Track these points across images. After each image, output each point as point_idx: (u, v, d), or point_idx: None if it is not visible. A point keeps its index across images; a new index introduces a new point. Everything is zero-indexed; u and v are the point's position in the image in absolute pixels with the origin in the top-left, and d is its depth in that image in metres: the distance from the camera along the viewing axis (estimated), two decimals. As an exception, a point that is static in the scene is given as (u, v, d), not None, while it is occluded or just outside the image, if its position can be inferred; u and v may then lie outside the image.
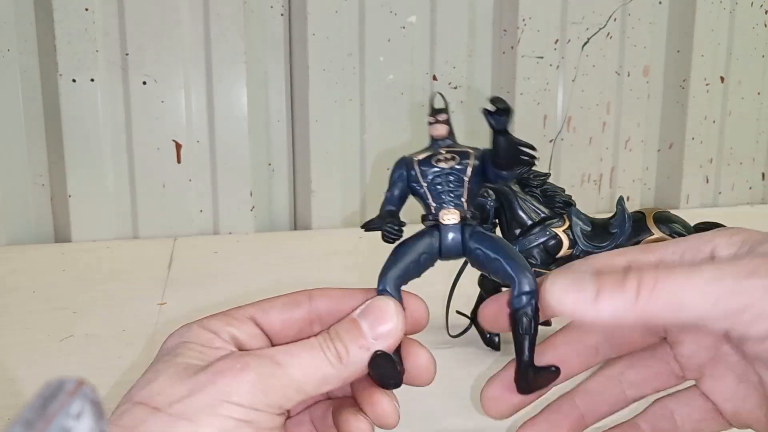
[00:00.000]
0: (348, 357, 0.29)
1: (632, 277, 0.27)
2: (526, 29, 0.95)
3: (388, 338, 0.30)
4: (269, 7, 0.90)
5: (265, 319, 0.33)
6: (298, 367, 0.29)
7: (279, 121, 0.93)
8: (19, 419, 0.16)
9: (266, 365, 0.29)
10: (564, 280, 0.28)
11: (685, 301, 0.26)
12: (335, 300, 0.33)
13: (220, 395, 0.27)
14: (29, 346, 0.57)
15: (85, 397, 0.17)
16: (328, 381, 0.29)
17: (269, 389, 0.28)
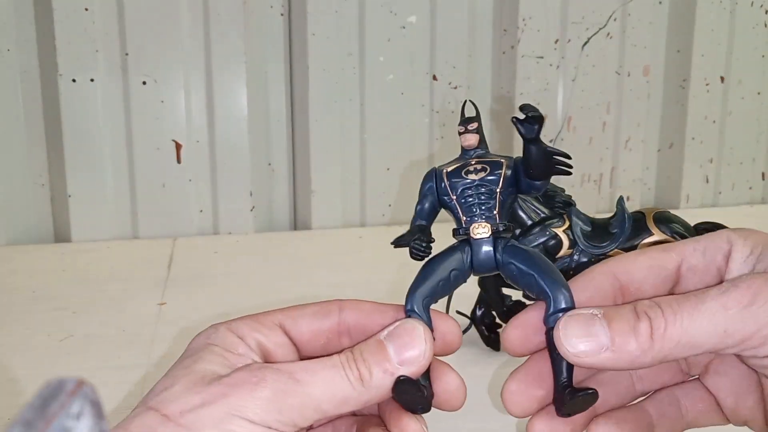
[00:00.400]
0: (371, 380, 0.29)
1: (643, 322, 0.28)
2: (526, 29, 0.95)
3: (415, 364, 0.29)
4: (269, 7, 0.90)
5: (294, 327, 0.33)
6: (317, 386, 0.28)
7: (279, 121, 0.93)
8: (19, 419, 0.16)
9: (284, 381, 0.28)
10: (576, 331, 0.28)
11: (696, 340, 0.27)
12: (365, 314, 0.33)
13: (232, 409, 0.27)
14: (29, 346, 0.57)
15: (85, 397, 0.17)
16: (348, 402, 0.28)
17: (285, 407, 0.27)
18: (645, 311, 0.28)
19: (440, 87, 0.95)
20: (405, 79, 0.93)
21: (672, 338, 0.27)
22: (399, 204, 0.96)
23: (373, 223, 0.96)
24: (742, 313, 0.27)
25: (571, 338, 0.28)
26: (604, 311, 0.29)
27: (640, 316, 0.28)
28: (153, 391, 0.29)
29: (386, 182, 0.95)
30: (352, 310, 0.33)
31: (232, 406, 0.27)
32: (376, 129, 0.94)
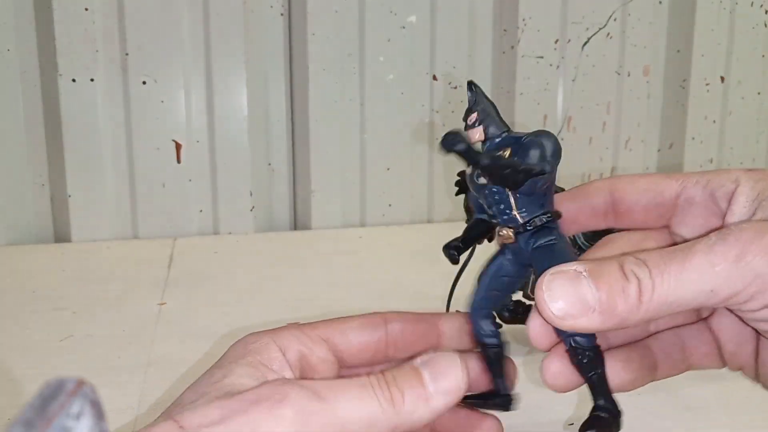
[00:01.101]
0: (402, 403, 0.27)
1: (632, 283, 0.26)
2: (526, 29, 0.95)
3: (450, 394, 0.28)
4: (269, 7, 0.90)
5: (342, 340, 0.32)
6: (343, 405, 0.26)
7: (279, 121, 0.93)
8: (19, 419, 0.16)
9: (308, 399, 0.26)
10: (560, 291, 0.27)
11: (683, 299, 0.26)
12: (410, 323, 0.33)
13: (251, 427, 0.25)
14: (29, 346, 0.57)
15: (85, 397, 0.17)
16: (376, 426, 0.27)
17: (307, 426, 0.26)
18: (633, 270, 0.27)
19: (440, 87, 0.95)
20: (405, 79, 0.93)
21: (660, 299, 0.26)
22: (399, 204, 0.96)
23: (373, 223, 0.96)
24: (729, 270, 0.26)
25: (556, 300, 0.27)
26: (589, 269, 0.27)
27: (628, 276, 0.27)
28: (179, 402, 0.28)
29: (386, 182, 0.95)
30: (397, 321, 0.33)
31: (251, 424, 0.25)
32: (376, 129, 0.94)
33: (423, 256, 0.81)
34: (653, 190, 0.31)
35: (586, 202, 0.31)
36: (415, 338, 0.32)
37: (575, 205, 0.31)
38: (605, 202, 0.31)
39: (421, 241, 0.88)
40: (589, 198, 0.32)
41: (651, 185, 0.31)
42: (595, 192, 0.32)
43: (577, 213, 0.30)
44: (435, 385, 0.27)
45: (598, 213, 0.31)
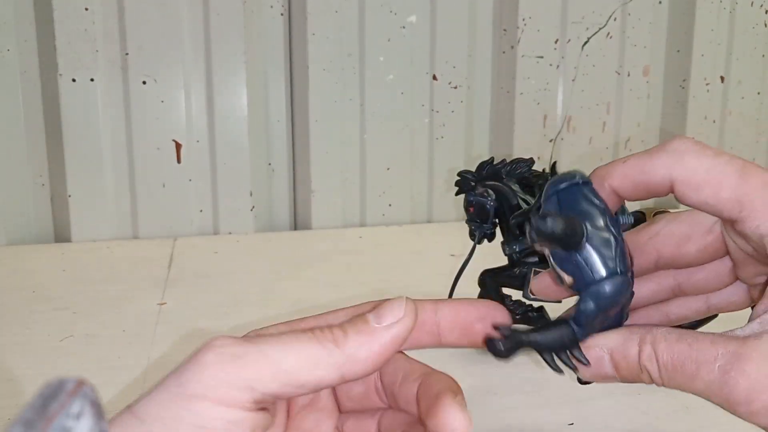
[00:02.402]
0: (346, 342, 0.26)
1: (644, 375, 0.29)
2: (526, 29, 0.95)
3: (395, 327, 0.27)
4: (269, 7, 0.90)
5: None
6: (277, 346, 0.25)
7: (279, 121, 0.93)
8: (19, 419, 0.16)
9: (234, 343, 0.25)
10: (587, 372, 0.30)
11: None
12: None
13: (179, 381, 0.25)
14: (29, 346, 0.57)
15: (85, 397, 0.17)
16: (318, 365, 0.26)
17: (234, 371, 0.25)
18: (647, 367, 0.28)
19: (440, 87, 0.95)
20: (405, 79, 0.93)
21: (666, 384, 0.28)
22: (399, 204, 0.96)
23: (373, 223, 0.96)
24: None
25: (581, 370, 0.30)
26: (612, 352, 0.29)
27: (642, 369, 0.28)
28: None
29: (386, 182, 0.95)
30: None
31: (180, 378, 0.25)
32: (376, 129, 0.94)
33: (423, 256, 0.81)
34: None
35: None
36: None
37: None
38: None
39: (421, 241, 0.88)
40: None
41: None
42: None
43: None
44: (379, 320, 0.27)
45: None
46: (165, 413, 0.24)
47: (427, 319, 0.32)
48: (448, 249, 0.79)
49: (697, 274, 0.33)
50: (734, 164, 0.28)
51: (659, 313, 0.34)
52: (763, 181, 0.27)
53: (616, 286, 0.28)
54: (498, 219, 0.53)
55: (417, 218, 0.98)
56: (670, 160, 0.29)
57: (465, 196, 0.54)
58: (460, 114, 0.96)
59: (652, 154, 0.30)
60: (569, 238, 0.28)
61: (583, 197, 0.30)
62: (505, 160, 0.54)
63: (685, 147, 0.29)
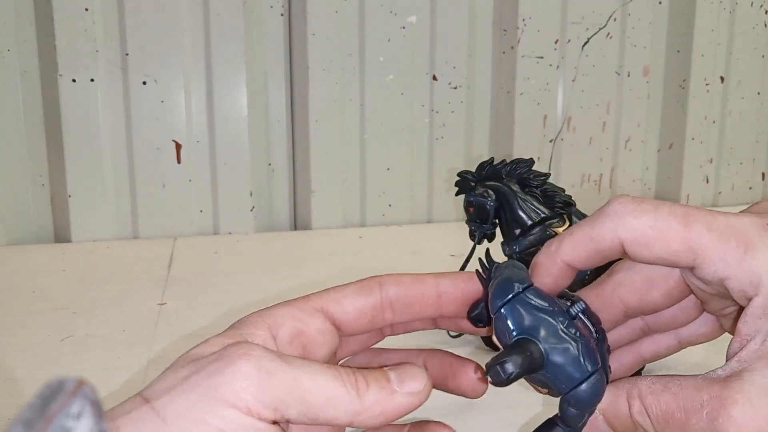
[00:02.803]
0: (366, 391, 0.27)
1: (639, 429, 0.29)
2: (526, 29, 0.95)
3: (414, 396, 0.28)
4: (269, 7, 0.90)
5: (338, 309, 0.32)
6: (308, 374, 0.26)
7: (279, 121, 0.93)
8: (19, 419, 0.16)
9: (271, 359, 0.26)
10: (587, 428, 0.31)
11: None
12: (406, 286, 0.33)
13: (207, 383, 0.25)
14: (29, 346, 0.57)
15: (85, 397, 0.17)
16: (336, 404, 0.26)
17: (266, 385, 0.25)
18: (639, 422, 0.29)
19: (440, 87, 0.95)
20: (405, 79, 0.93)
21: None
22: (399, 204, 0.96)
23: (373, 223, 0.96)
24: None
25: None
26: (603, 412, 0.30)
27: (636, 425, 0.29)
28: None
29: (386, 182, 0.95)
30: (393, 285, 0.33)
31: (208, 380, 0.25)
32: (376, 129, 0.94)
33: (423, 256, 0.81)
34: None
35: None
36: (412, 300, 0.32)
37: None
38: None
39: (421, 241, 0.88)
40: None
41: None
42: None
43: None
44: (400, 384, 0.28)
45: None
46: (191, 415, 0.25)
47: (429, 292, 0.32)
48: (448, 249, 0.79)
49: (664, 312, 0.33)
50: (676, 214, 0.28)
51: (632, 354, 0.35)
52: (707, 224, 0.27)
53: (592, 385, 0.28)
54: (498, 219, 0.53)
55: (417, 218, 0.98)
56: (613, 224, 0.29)
57: (465, 196, 0.54)
58: (460, 114, 0.96)
59: (596, 220, 0.30)
60: (532, 367, 0.28)
61: (529, 309, 0.29)
62: (505, 160, 0.53)
63: (624, 207, 0.29)
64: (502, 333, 0.29)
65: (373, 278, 0.33)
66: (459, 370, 0.32)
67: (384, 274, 0.33)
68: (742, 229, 0.27)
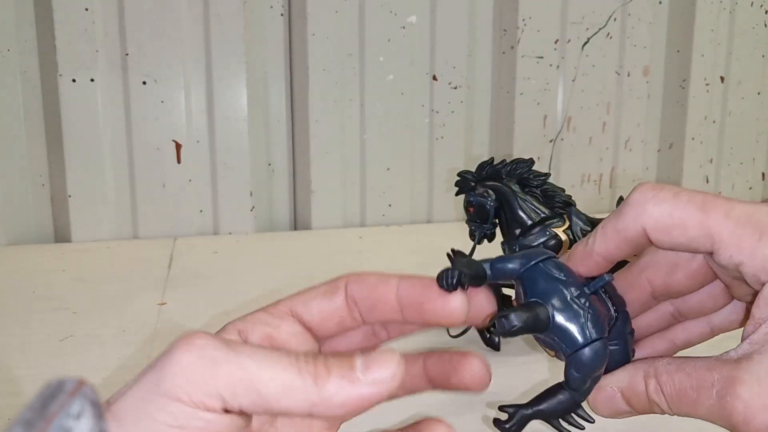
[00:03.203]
0: (326, 381, 0.25)
1: (655, 408, 0.30)
2: (526, 29, 0.95)
3: (379, 385, 0.26)
4: (269, 7, 0.90)
5: (306, 311, 0.31)
6: (257, 363, 0.25)
7: (279, 121, 0.93)
8: (19, 419, 0.16)
9: (215, 347, 0.25)
10: (604, 406, 0.32)
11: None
12: (369, 286, 0.32)
13: (155, 377, 0.24)
14: (29, 346, 0.57)
15: (85, 397, 0.17)
16: (292, 393, 0.25)
17: (210, 375, 0.24)
18: (655, 401, 0.30)
19: (440, 87, 0.95)
20: (405, 79, 0.93)
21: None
22: (399, 204, 0.96)
23: (373, 223, 0.96)
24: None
25: (601, 411, 0.32)
26: (622, 389, 0.31)
27: (651, 404, 0.30)
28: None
29: (386, 182, 0.95)
30: (357, 284, 0.32)
31: (156, 374, 0.24)
32: (376, 129, 0.94)
33: (423, 256, 0.81)
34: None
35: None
36: (374, 302, 0.32)
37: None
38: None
39: (421, 241, 0.88)
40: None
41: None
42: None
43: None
44: (365, 372, 0.26)
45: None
46: (140, 412, 0.24)
47: (389, 295, 0.33)
48: (448, 249, 0.79)
49: (692, 297, 0.34)
50: (695, 201, 0.29)
51: (664, 341, 0.35)
52: (724, 212, 0.28)
53: (594, 351, 0.30)
54: (498, 219, 0.53)
55: (417, 218, 0.98)
56: (635, 212, 0.30)
57: (465, 196, 0.54)
58: (460, 114, 0.96)
59: (620, 210, 0.31)
60: (536, 325, 0.30)
61: (546, 276, 0.31)
62: (505, 160, 0.53)
63: (644, 196, 0.30)
64: (518, 295, 0.32)
65: (340, 278, 0.33)
66: (460, 364, 0.32)
67: (351, 273, 0.33)
68: (758, 218, 0.28)
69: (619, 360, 0.32)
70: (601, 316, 0.31)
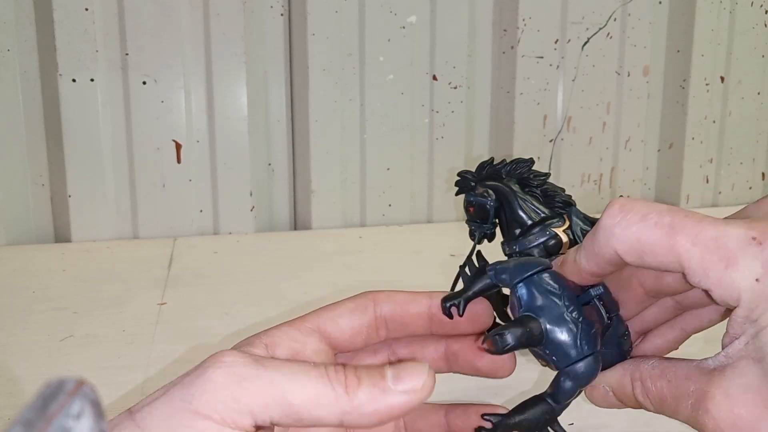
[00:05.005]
0: (357, 390, 0.25)
1: (644, 402, 0.32)
2: (526, 29, 0.95)
3: (410, 395, 0.26)
4: (269, 7, 0.90)
5: (335, 328, 0.32)
6: (287, 377, 0.25)
7: (279, 121, 0.93)
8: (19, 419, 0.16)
9: (244, 364, 0.25)
10: (598, 399, 0.34)
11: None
12: (399, 304, 0.33)
13: (183, 394, 0.24)
14: (29, 346, 0.57)
15: (85, 397, 0.17)
16: (322, 405, 0.25)
17: (240, 392, 0.24)
18: (641, 401, 0.31)
19: (440, 87, 0.95)
20: (405, 79, 0.93)
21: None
22: (399, 204, 0.96)
23: (373, 223, 0.96)
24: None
25: (597, 404, 0.34)
26: (612, 389, 0.32)
27: (638, 402, 0.31)
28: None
29: (386, 182, 0.95)
30: (387, 302, 0.33)
31: (184, 390, 0.25)
32: (376, 129, 0.94)
33: (423, 256, 0.81)
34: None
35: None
36: (406, 319, 0.33)
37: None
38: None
39: (421, 241, 0.88)
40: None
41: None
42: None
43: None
44: (396, 381, 0.26)
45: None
46: (166, 426, 0.24)
47: (422, 312, 0.34)
48: (448, 249, 0.79)
49: (690, 293, 0.34)
50: (662, 224, 0.28)
51: (675, 330, 0.36)
52: (692, 237, 0.27)
53: (588, 365, 0.31)
54: (498, 219, 0.53)
55: (417, 218, 0.98)
56: (605, 236, 0.29)
57: (465, 196, 0.54)
58: (460, 114, 0.96)
59: (594, 233, 0.30)
60: (529, 341, 0.31)
61: (541, 289, 0.32)
62: (505, 160, 0.53)
63: (612, 220, 0.29)
64: (512, 306, 0.32)
65: (367, 295, 0.33)
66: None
67: (377, 291, 0.33)
68: (725, 243, 0.27)
69: (612, 360, 0.33)
70: (594, 328, 0.31)
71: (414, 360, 0.31)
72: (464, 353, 0.33)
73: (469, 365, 0.34)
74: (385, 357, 0.34)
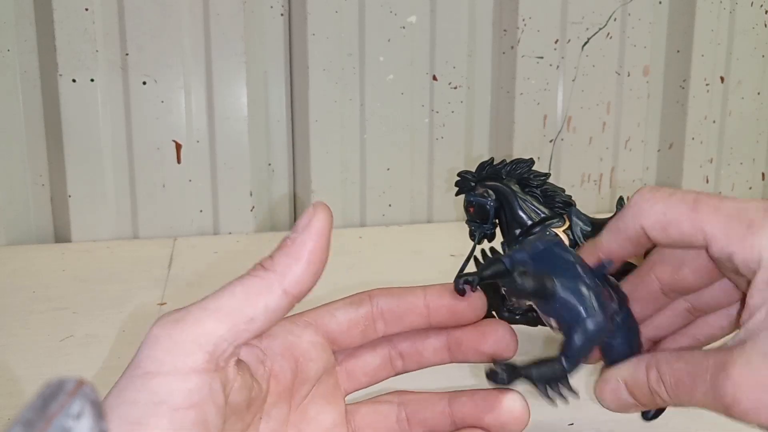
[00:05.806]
0: (273, 261, 0.28)
1: (656, 397, 0.32)
2: (526, 29, 0.95)
3: (312, 224, 0.28)
4: (269, 7, 0.90)
5: (331, 320, 0.33)
6: (214, 296, 0.27)
7: (279, 121, 0.93)
8: (19, 419, 0.16)
9: (177, 312, 0.26)
10: (609, 396, 0.34)
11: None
12: (396, 297, 0.33)
13: (130, 371, 0.25)
14: (29, 346, 0.57)
15: (85, 397, 0.17)
16: (259, 293, 0.28)
17: (178, 333, 0.25)
18: (656, 390, 0.31)
19: (440, 87, 0.95)
20: (405, 79, 0.93)
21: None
22: (399, 204, 0.96)
23: (373, 223, 0.96)
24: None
25: (607, 402, 0.34)
26: (625, 381, 0.33)
27: (653, 393, 0.31)
28: None
29: (386, 182, 0.95)
30: (383, 296, 0.33)
31: (132, 367, 0.25)
32: (376, 129, 0.94)
33: (423, 256, 0.81)
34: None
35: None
36: (403, 310, 0.33)
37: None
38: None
39: (421, 241, 0.88)
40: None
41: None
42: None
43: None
44: (295, 229, 0.29)
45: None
46: (124, 399, 0.25)
47: (418, 302, 0.33)
48: (448, 249, 0.79)
49: (705, 292, 0.35)
50: (686, 200, 0.31)
51: (687, 338, 0.36)
52: (714, 208, 0.30)
53: (597, 323, 0.32)
54: (498, 219, 0.53)
55: (417, 218, 0.98)
56: (633, 213, 0.32)
57: (465, 196, 0.54)
58: (460, 114, 0.96)
59: (622, 212, 0.33)
60: (541, 290, 0.32)
61: (552, 254, 0.34)
62: (505, 160, 0.54)
63: (641, 198, 0.32)
64: (525, 277, 0.33)
65: (363, 292, 0.34)
66: (495, 403, 0.33)
67: (374, 289, 0.34)
68: (746, 211, 0.29)
69: (622, 354, 0.34)
70: (604, 298, 0.32)
71: (417, 353, 0.32)
72: (467, 339, 0.33)
73: (474, 350, 0.33)
74: (385, 351, 0.34)
